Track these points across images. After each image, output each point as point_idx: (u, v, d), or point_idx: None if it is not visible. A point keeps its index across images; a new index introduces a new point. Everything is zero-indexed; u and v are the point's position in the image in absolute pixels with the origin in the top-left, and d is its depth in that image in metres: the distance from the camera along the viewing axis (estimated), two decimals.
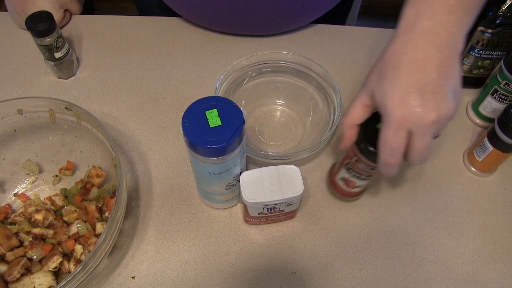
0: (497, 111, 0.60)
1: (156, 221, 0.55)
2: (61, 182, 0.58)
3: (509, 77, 0.54)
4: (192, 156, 0.45)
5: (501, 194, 0.58)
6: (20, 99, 0.52)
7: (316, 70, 0.61)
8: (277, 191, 0.47)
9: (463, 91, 0.68)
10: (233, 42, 0.74)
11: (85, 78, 0.69)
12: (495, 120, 0.54)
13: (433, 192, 0.58)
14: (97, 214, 0.51)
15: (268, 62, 0.63)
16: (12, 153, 0.56)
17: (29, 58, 0.71)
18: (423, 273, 0.51)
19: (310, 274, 0.51)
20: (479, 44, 0.60)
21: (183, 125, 0.42)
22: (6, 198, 0.55)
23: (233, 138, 0.41)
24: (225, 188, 0.50)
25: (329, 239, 0.54)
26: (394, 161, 0.42)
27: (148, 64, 0.71)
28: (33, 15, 0.60)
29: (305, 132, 0.62)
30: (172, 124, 0.64)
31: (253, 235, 0.54)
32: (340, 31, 0.76)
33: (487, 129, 0.56)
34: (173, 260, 0.52)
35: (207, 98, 0.44)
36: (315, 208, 0.56)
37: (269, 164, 0.50)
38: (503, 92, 0.57)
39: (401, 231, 0.54)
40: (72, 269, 0.48)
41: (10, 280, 0.47)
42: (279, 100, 0.65)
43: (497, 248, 0.53)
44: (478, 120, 0.64)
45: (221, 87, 0.59)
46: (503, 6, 0.55)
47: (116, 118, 0.64)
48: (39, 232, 0.50)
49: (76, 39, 0.74)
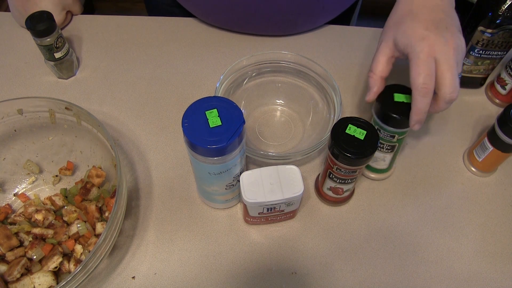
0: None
1: (156, 221, 0.55)
2: (61, 182, 0.58)
3: (381, 124, 0.51)
4: (192, 156, 0.45)
5: (501, 194, 0.58)
6: (20, 99, 0.52)
7: (316, 70, 0.61)
8: (277, 191, 0.47)
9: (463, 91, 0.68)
10: (233, 42, 0.74)
11: (85, 78, 0.69)
12: (495, 120, 0.54)
13: (433, 192, 0.58)
14: (97, 214, 0.51)
15: (268, 62, 0.63)
16: (12, 153, 0.56)
17: (29, 58, 0.71)
18: (423, 273, 0.51)
19: (310, 274, 0.51)
20: (479, 44, 0.60)
21: (183, 125, 0.42)
22: (6, 198, 0.55)
23: (233, 138, 0.41)
24: (225, 188, 0.50)
25: (329, 239, 0.54)
26: (428, 93, 0.45)
27: (148, 64, 0.71)
28: (33, 15, 0.60)
29: (305, 132, 0.62)
30: (172, 124, 0.64)
31: (253, 235, 0.54)
32: (340, 31, 0.76)
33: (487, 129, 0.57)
34: (173, 260, 0.52)
35: (207, 98, 0.44)
36: (315, 208, 0.56)
37: (269, 164, 0.50)
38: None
39: (401, 231, 0.54)
40: (72, 269, 0.48)
41: (10, 280, 0.47)
42: (279, 100, 0.65)
43: (497, 248, 0.53)
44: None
45: (221, 87, 0.59)
46: (503, 6, 0.55)
47: (116, 118, 0.64)
48: (39, 232, 0.50)
49: (76, 39, 0.74)
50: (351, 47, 0.74)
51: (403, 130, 0.50)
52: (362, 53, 0.73)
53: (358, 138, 0.46)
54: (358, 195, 0.57)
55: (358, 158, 0.45)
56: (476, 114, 0.66)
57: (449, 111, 0.66)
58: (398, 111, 0.48)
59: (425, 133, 0.63)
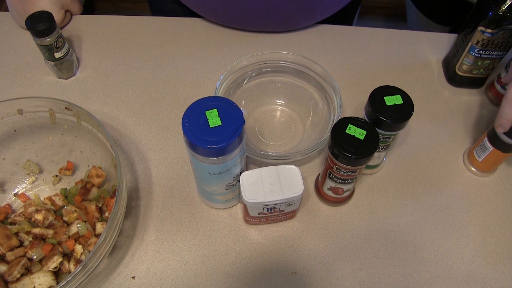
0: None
1: (156, 221, 0.55)
2: (61, 182, 0.58)
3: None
4: (192, 156, 0.45)
5: (501, 194, 0.58)
6: (20, 99, 0.52)
7: (316, 70, 0.61)
8: (277, 191, 0.47)
9: (463, 91, 0.68)
10: (234, 42, 0.74)
11: (85, 78, 0.69)
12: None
13: (433, 192, 0.58)
14: (97, 214, 0.51)
15: (268, 62, 0.63)
16: (12, 153, 0.56)
17: (29, 58, 0.71)
18: (423, 273, 0.51)
19: (310, 274, 0.51)
20: (479, 44, 0.60)
21: (183, 125, 0.42)
22: (6, 198, 0.55)
23: (233, 138, 0.41)
24: (225, 188, 0.50)
25: (329, 239, 0.54)
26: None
27: (148, 64, 0.71)
28: (33, 15, 0.60)
29: (305, 132, 0.62)
30: (172, 124, 0.64)
31: (253, 235, 0.54)
32: (340, 31, 0.76)
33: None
34: (173, 260, 0.52)
35: (207, 98, 0.44)
36: (315, 208, 0.56)
37: (269, 164, 0.50)
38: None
39: (401, 231, 0.54)
40: (72, 269, 0.48)
41: (10, 280, 0.47)
42: (279, 100, 0.65)
43: (497, 248, 0.53)
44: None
45: (221, 87, 0.59)
46: (503, 6, 0.55)
47: (116, 118, 0.64)
48: (39, 232, 0.50)
49: (76, 39, 0.74)
50: (351, 47, 0.74)
51: (398, 131, 0.50)
52: (362, 53, 0.73)
53: (358, 138, 0.46)
54: (358, 195, 0.57)
55: (358, 158, 0.45)
56: (476, 114, 0.66)
57: (449, 111, 0.66)
58: (392, 115, 0.48)
59: (425, 133, 0.63)
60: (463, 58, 0.63)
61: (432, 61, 0.72)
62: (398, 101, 0.49)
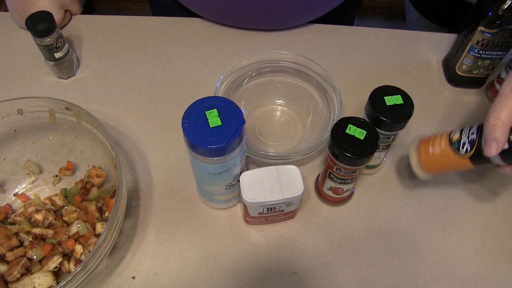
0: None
1: (156, 221, 0.55)
2: (61, 182, 0.58)
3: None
4: (192, 156, 0.45)
5: (501, 194, 0.58)
6: (20, 99, 0.52)
7: (316, 70, 0.61)
8: (277, 191, 0.47)
9: (463, 91, 0.68)
10: (234, 42, 0.74)
11: (85, 78, 0.69)
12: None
13: (433, 192, 0.58)
14: (97, 214, 0.51)
15: (268, 62, 0.63)
16: (12, 153, 0.56)
17: (29, 58, 0.71)
18: (423, 273, 0.51)
19: (310, 274, 0.51)
20: (479, 44, 0.60)
21: (183, 125, 0.42)
22: (6, 198, 0.55)
23: (233, 138, 0.41)
24: (225, 188, 0.50)
25: (329, 239, 0.54)
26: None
27: (148, 64, 0.71)
28: (33, 15, 0.60)
29: (305, 132, 0.62)
30: (172, 124, 0.64)
31: (253, 235, 0.54)
32: (340, 31, 0.76)
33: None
34: (173, 260, 0.52)
35: (207, 98, 0.44)
36: (315, 208, 0.56)
37: (269, 164, 0.50)
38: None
39: (401, 231, 0.54)
40: (72, 269, 0.48)
41: (10, 280, 0.47)
42: (279, 100, 0.65)
43: (497, 248, 0.53)
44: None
45: (221, 87, 0.59)
46: (503, 6, 0.55)
47: (116, 118, 0.64)
48: (39, 232, 0.50)
49: (76, 39, 0.74)
50: (351, 47, 0.74)
51: (398, 131, 0.50)
52: (362, 53, 0.73)
53: (358, 138, 0.46)
54: (358, 195, 0.57)
55: (358, 158, 0.45)
56: (476, 114, 0.66)
57: (449, 111, 0.66)
58: (392, 115, 0.48)
59: (425, 133, 0.63)
60: (463, 58, 0.63)
61: (432, 61, 0.72)
62: (398, 101, 0.49)
